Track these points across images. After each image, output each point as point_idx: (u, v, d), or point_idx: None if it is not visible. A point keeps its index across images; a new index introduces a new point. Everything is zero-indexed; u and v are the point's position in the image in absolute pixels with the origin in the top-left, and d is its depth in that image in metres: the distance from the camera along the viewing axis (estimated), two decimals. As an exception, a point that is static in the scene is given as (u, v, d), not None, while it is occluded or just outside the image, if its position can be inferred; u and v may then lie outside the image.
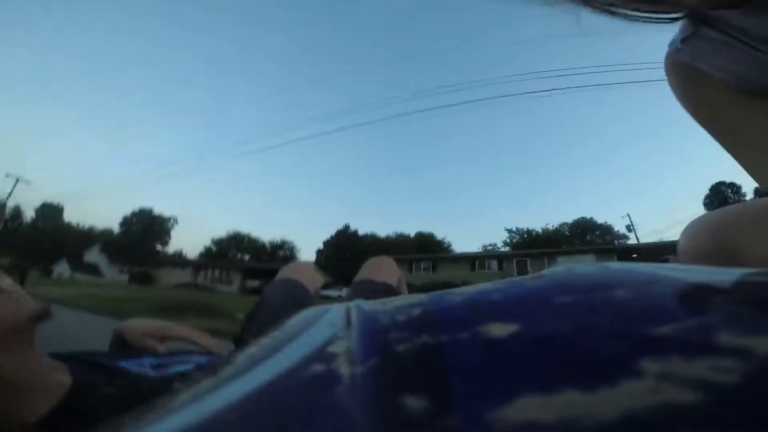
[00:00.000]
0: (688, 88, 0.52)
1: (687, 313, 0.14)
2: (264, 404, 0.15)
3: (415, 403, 0.13)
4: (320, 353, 0.18)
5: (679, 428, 0.10)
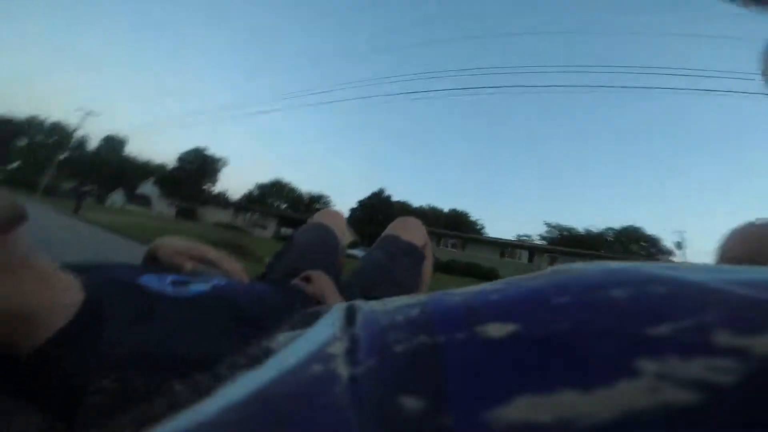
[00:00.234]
0: None
1: (684, 313, 0.13)
2: (263, 404, 0.14)
3: (413, 404, 0.13)
4: (319, 354, 0.17)
5: (677, 428, 0.10)
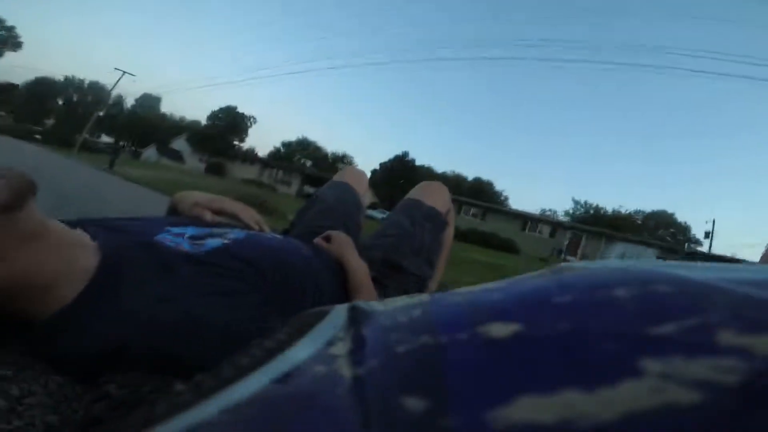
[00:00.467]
0: None
1: (688, 313, 0.13)
2: (266, 405, 0.15)
3: (415, 404, 0.13)
4: (322, 354, 0.18)
5: (681, 428, 0.10)
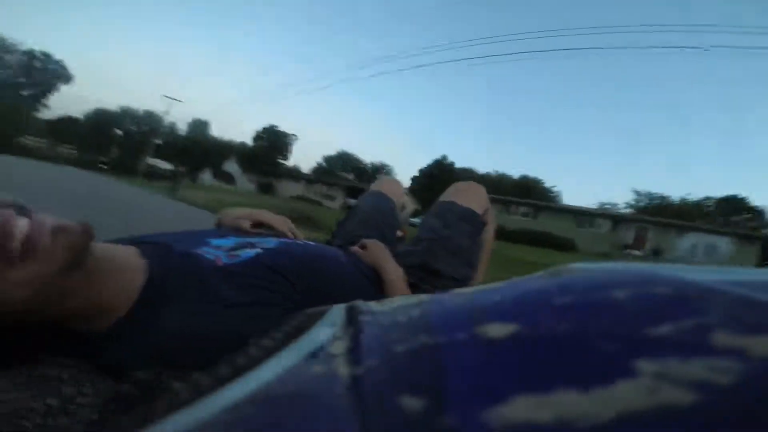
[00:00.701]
0: None
1: (684, 314, 0.13)
2: (264, 405, 0.15)
3: (413, 404, 0.13)
4: (320, 354, 0.17)
5: (676, 429, 0.10)
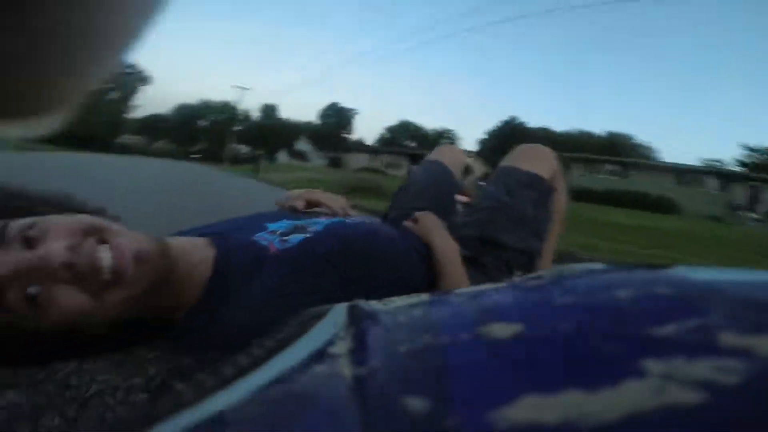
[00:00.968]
0: None
1: (689, 314, 0.13)
2: (267, 405, 0.14)
3: (417, 404, 0.13)
4: (322, 354, 0.17)
5: (682, 429, 0.10)
